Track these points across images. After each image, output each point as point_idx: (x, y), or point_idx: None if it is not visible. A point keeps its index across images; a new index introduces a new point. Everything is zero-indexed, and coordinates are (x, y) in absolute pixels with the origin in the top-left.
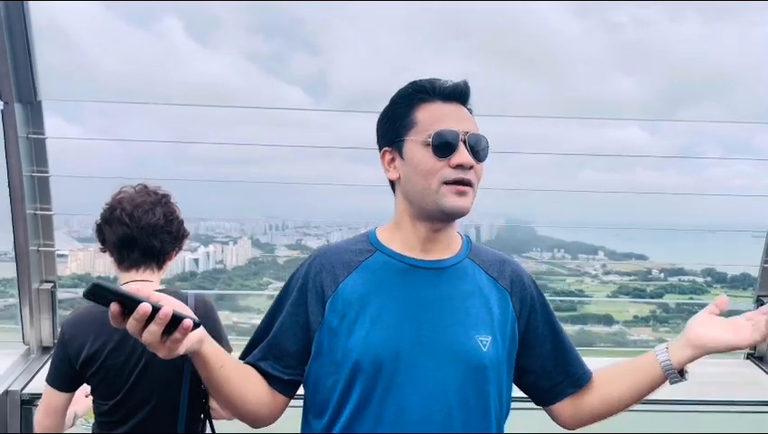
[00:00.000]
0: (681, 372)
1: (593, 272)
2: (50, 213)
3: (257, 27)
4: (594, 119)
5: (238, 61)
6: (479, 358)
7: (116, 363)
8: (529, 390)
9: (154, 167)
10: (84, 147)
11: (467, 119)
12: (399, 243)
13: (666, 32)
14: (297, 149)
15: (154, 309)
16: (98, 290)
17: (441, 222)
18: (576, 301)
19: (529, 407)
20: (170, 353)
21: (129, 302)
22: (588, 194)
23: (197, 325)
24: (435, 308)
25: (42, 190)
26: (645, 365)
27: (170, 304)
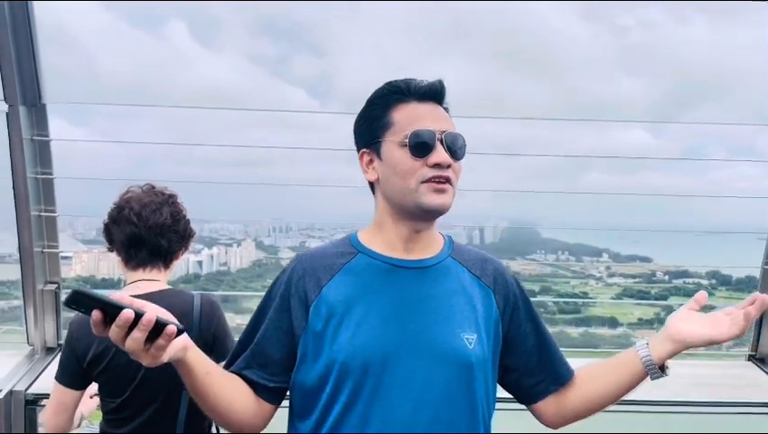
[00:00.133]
0: (662, 368)
1: (597, 274)
2: (54, 215)
3: (261, 30)
4: (599, 121)
5: (242, 64)
6: (465, 356)
7: (123, 361)
8: (512, 388)
9: (157, 169)
10: (88, 150)
11: (443, 118)
12: (381, 244)
13: (672, 34)
14: (301, 151)
15: (137, 316)
16: (78, 298)
17: (422, 221)
18: (581, 303)
19: (516, 407)
20: (154, 361)
21: (111, 309)
22: (592, 196)
23: (181, 331)
24: (420, 307)
25: (47, 192)
26: (626, 362)
27: (153, 310)
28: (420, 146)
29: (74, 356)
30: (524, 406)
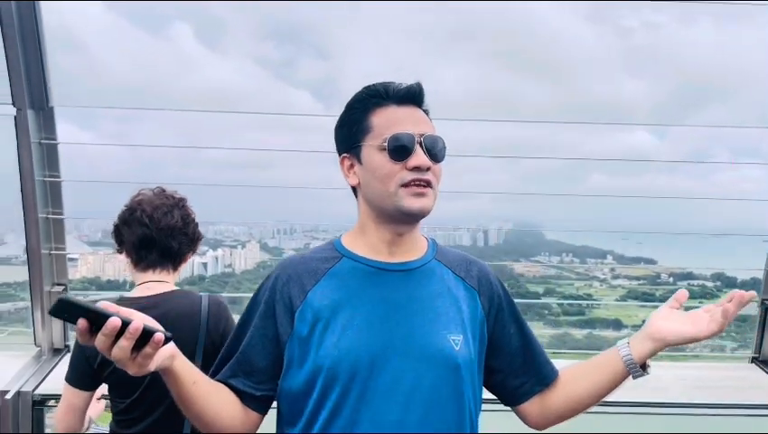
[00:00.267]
0: (644, 367)
1: (601, 276)
2: (61, 217)
3: (265, 33)
4: (602, 123)
5: (247, 66)
6: (452, 358)
7: None
8: (496, 390)
9: (163, 171)
10: (94, 152)
11: (423, 121)
12: (365, 248)
13: (676, 36)
14: (305, 153)
15: (124, 324)
16: (64, 306)
17: (404, 225)
18: (585, 305)
19: (502, 408)
20: (140, 370)
21: (97, 317)
22: (597, 198)
23: (168, 339)
24: (406, 310)
25: (54, 194)
26: (608, 361)
27: (140, 318)
28: (399, 149)
29: (84, 358)
30: (506, 407)
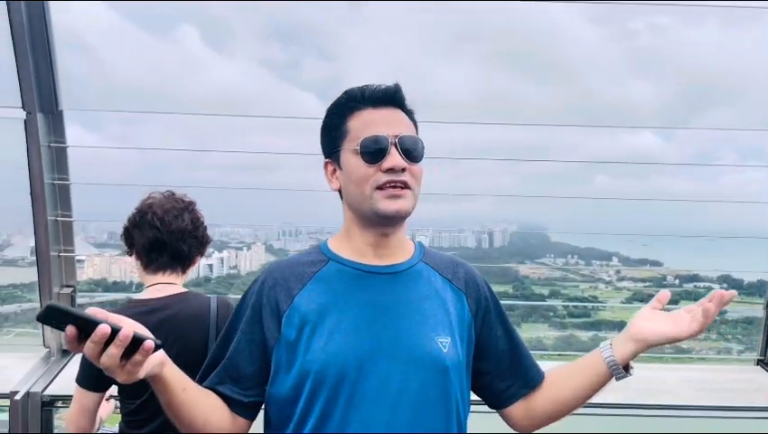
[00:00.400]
0: (627, 368)
1: (607, 278)
2: (70, 220)
3: (271, 35)
4: (607, 126)
5: (252, 68)
6: (441, 360)
7: None
8: (482, 392)
9: (169, 174)
10: (101, 155)
11: (399, 122)
12: (351, 251)
13: (682, 38)
14: (311, 155)
15: (114, 331)
16: (52, 313)
17: (384, 227)
18: (590, 307)
19: (490, 410)
20: (129, 377)
21: (86, 324)
22: (602, 200)
23: (158, 346)
24: (393, 313)
25: (63, 197)
26: (591, 363)
27: (129, 325)
28: (372, 151)
29: None
30: (492, 409)
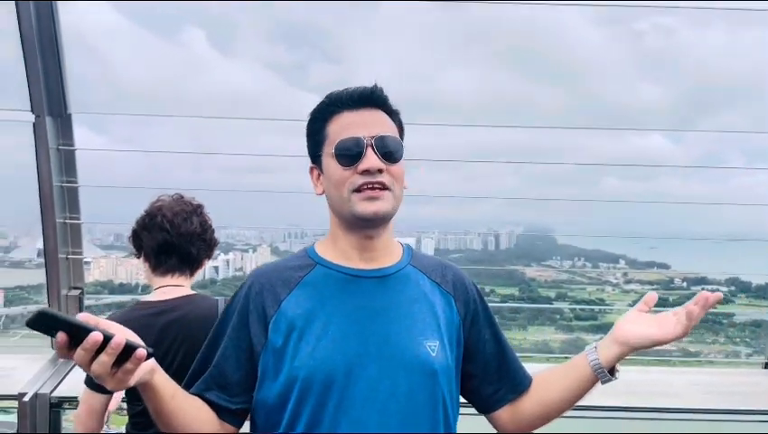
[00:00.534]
0: (612, 371)
1: (614, 281)
2: (78, 222)
3: (277, 37)
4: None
5: (259, 71)
6: (429, 364)
7: None
8: (470, 396)
9: (174, 176)
10: (107, 157)
11: (377, 123)
12: (338, 255)
13: (689, 39)
14: None
15: (106, 338)
16: (43, 319)
17: (367, 229)
18: (597, 310)
19: (477, 413)
20: (120, 385)
21: (77, 331)
22: (610, 202)
23: (150, 355)
24: (382, 317)
25: (71, 199)
26: (577, 366)
27: (122, 332)
28: (347, 154)
29: None
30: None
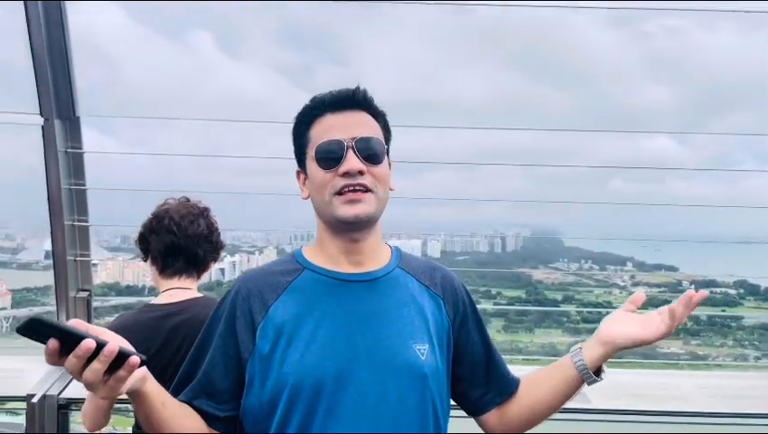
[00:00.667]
0: (598, 372)
1: (621, 283)
2: (86, 225)
3: (285, 39)
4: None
5: (266, 73)
6: (419, 367)
7: (158, 367)
8: (458, 399)
9: (181, 178)
10: (114, 159)
11: (358, 125)
12: (325, 259)
13: (698, 41)
14: None
15: (99, 346)
16: (35, 326)
17: (351, 233)
18: (604, 313)
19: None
20: (111, 393)
21: (69, 338)
22: (617, 204)
23: (143, 362)
24: (370, 321)
25: (80, 202)
26: (562, 368)
27: (115, 340)
28: (327, 157)
29: None
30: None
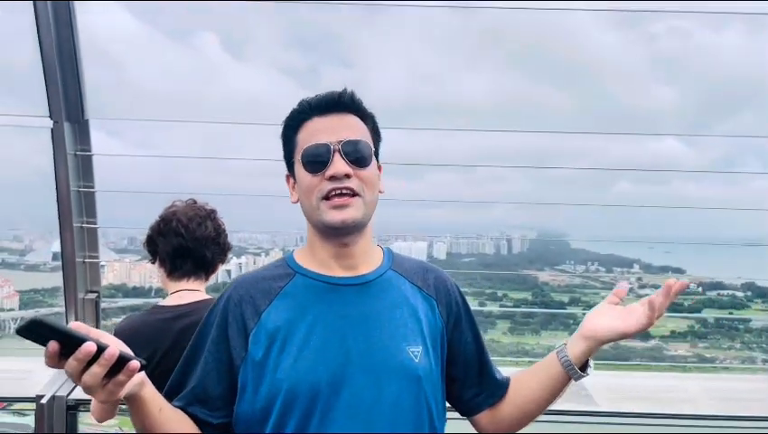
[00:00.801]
0: (584, 367)
1: (628, 286)
2: (95, 226)
3: (291, 41)
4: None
5: (272, 75)
6: (413, 370)
7: (166, 369)
8: (452, 399)
9: (187, 179)
10: (121, 161)
11: (345, 127)
12: (316, 263)
13: (705, 42)
14: None
15: (99, 349)
16: (35, 327)
17: (340, 237)
18: None
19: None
20: (109, 397)
21: (69, 340)
22: (624, 207)
23: (143, 367)
24: (363, 325)
25: (88, 204)
26: (548, 366)
27: (115, 344)
28: (312, 161)
29: None
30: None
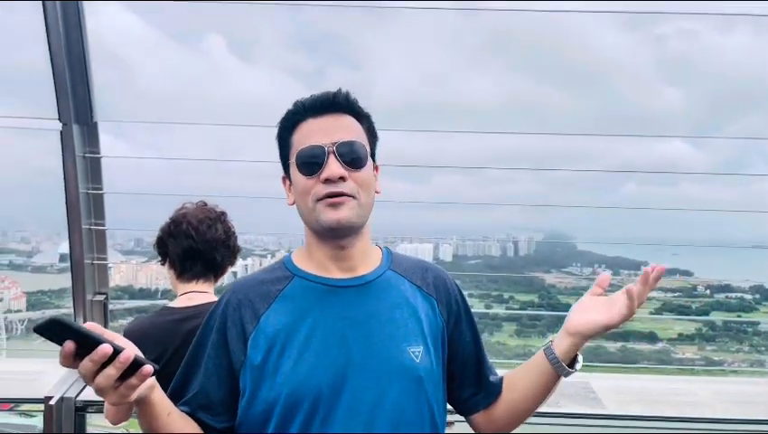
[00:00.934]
0: (573, 363)
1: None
2: (103, 228)
3: (297, 43)
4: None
5: (279, 77)
6: (414, 370)
7: (174, 370)
8: (450, 398)
9: (194, 181)
10: (128, 163)
11: (340, 128)
12: (315, 265)
13: (712, 44)
14: None
15: (115, 352)
16: (53, 326)
17: (337, 239)
18: None
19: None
20: (121, 400)
21: (86, 341)
22: (631, 209)
23: (156, 371)
24: (363, 326)
25: (97, 206)
26: (537, 363)
27: (131, 347)
28: (307, 164)
29: None
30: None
